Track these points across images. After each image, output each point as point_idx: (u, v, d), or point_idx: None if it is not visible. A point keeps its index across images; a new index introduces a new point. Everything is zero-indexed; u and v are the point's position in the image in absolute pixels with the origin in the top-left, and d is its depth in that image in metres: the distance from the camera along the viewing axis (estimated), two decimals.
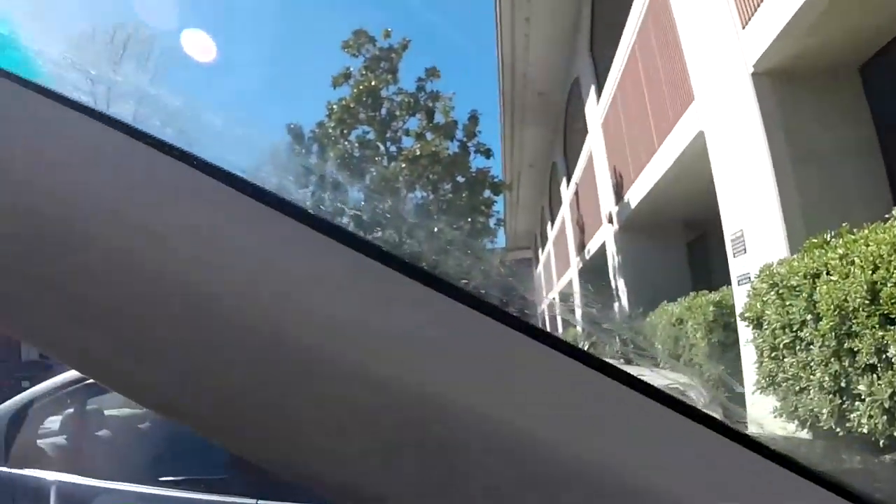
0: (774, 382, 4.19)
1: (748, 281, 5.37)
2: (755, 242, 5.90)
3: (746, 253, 6.10)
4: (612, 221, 12.16)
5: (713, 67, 6.49)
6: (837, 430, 3.45)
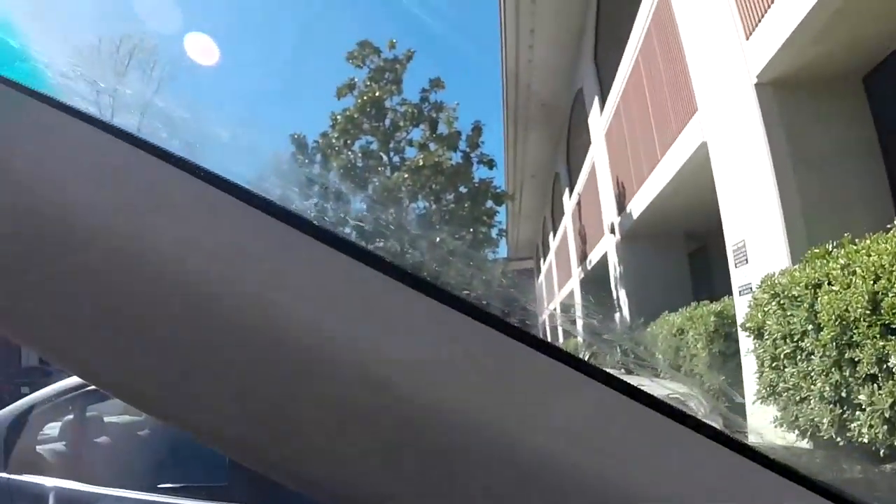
0: (775, 392, 4.18)
1: (749, 291, 5.36)
2: (757, 253, 5.90)
3: (748, 263, 6.09)
4: (614, 232, 12.15)
5: (717, 78, 6.51)
6: (838, 439, 3.43)
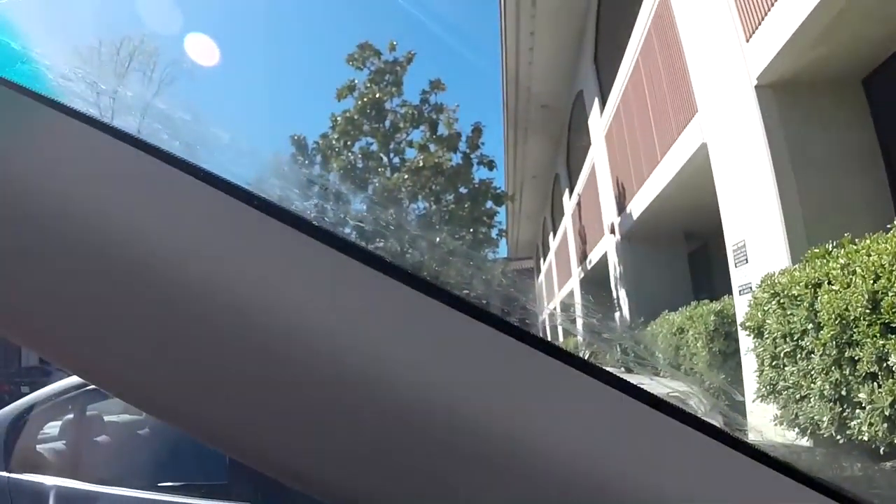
0: (775, 391, 4.18)
1: (749, 291, 5.36)
2: (757, 253, 5.90)
3: (748, 263, 6.10)
4: (614, 232, 12.16)
5: (717, 80, 6.51)
6: (838, 437, 3.44)
